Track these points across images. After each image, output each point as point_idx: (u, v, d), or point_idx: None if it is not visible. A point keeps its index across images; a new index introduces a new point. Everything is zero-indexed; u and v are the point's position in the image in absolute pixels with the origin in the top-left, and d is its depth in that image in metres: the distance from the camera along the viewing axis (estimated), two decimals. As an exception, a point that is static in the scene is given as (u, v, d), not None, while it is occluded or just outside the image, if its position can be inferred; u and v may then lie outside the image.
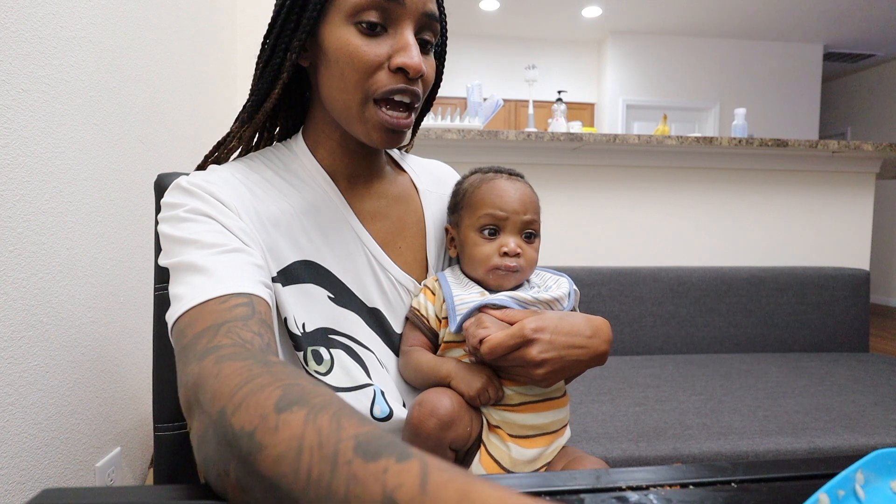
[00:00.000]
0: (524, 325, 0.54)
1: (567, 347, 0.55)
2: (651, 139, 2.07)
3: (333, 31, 0.53)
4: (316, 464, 0.26)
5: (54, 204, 0.92)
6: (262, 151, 0.64)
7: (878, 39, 5.51)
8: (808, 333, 2.05)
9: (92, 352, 1.05)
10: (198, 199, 0.52)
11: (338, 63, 0.54)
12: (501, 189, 0.65)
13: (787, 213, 2.30)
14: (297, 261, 0.57)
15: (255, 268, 0.49)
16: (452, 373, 0.58)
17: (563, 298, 0.63)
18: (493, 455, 0.59)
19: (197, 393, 0.34)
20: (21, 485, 0.83)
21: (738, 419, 1.34)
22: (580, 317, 0.58)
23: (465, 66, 5.88)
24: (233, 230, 0.51)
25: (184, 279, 0.45)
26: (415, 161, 0.76)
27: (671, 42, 5.74)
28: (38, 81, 0.87)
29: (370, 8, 0.52)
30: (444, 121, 2.23)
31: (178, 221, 0.50)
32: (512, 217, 0.64)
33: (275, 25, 0.56)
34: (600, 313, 1.93)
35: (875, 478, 0.34)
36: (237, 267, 0.47)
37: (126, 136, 1.20)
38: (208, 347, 0.37)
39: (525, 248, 0.64)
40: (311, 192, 0.61)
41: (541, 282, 0.68)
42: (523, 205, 0.64)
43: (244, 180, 0.57)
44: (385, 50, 0.53)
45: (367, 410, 0.57)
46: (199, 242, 0.48)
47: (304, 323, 0.56)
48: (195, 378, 0.35)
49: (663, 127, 2.94)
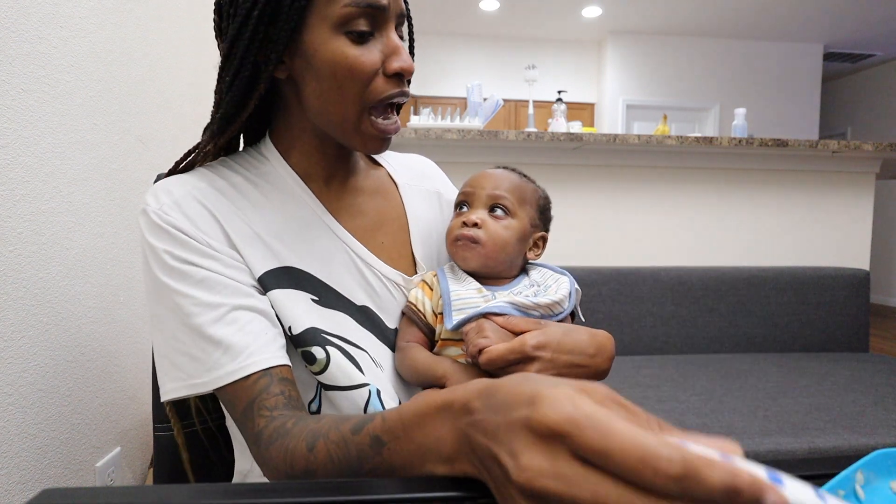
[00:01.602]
0: (525, 342, 0.53)
1: (568, 366, 0.54)
2: (651, 139, 2.07)
3: (321, 43, 0.52)
4: (338, 457, 0.41)
5: (54, 204, 0.92)
6: (231, 156, 0.63)
7: (878, 39, 5.51)
8: (808, 333, 2.05)
9: (92, 352, 1.05)
10: (172, 241, 0.52)
11: (334, 76, 0.53)
12: (481, 173, 0.67)
13: (787, 213, 2.30)
14: (274, 268, 0.56)
15: (255, 316, 0.52)
16: (448, 373, 0.57)
17: (563, 301, 0.62)
18: None
19: (262, 467, 0.48)
20: (21, 485, 0.83)
21: (738, 419, 1.34)
22: (584, 333, 0.57)
23: (465, 66, 5.88)
24: (220, 272, 0.52)
25: (201, 346, 0.50)
26: (391, 155, 0.75)
27: (671, 42, 5.74)
28: (38, 81, 0.87)
29: (359, 17, 0.51)
30: (444, 121, 2.23)
31: (166, 270, 0.51)
32: (478, 191, 0.64)
33: (241, 35, 0.52)
34: (600, 313, 1.95)
35: (875, 478, 0.34)
36: (246, 334, 0.50)
37: (126, 136, 1.20)
38: (254, 433, 0.48)
39: (488, 221, 0.63)
40: (284, 197, 0.60)
41: (541, 279, 0.67)
42: (493, 181, 0.65)
43: (210, 194, 0.56)
44: (377, 56, 0.53)
45: (360, 411, 0.57)
46: (199, 304, 0.50)
47: (291, 326, 0.55)
48: (257, 459, 0.49)
49: (663, 127, 2.94)
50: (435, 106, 2.61)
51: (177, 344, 0.51)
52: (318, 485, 0.34)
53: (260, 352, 0.50)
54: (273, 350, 0.51)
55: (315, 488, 0.34)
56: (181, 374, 0.51)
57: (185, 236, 0.52)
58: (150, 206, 0.54)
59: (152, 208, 0.53)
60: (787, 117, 5.83)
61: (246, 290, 0.53)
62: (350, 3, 0.51)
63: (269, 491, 0.35)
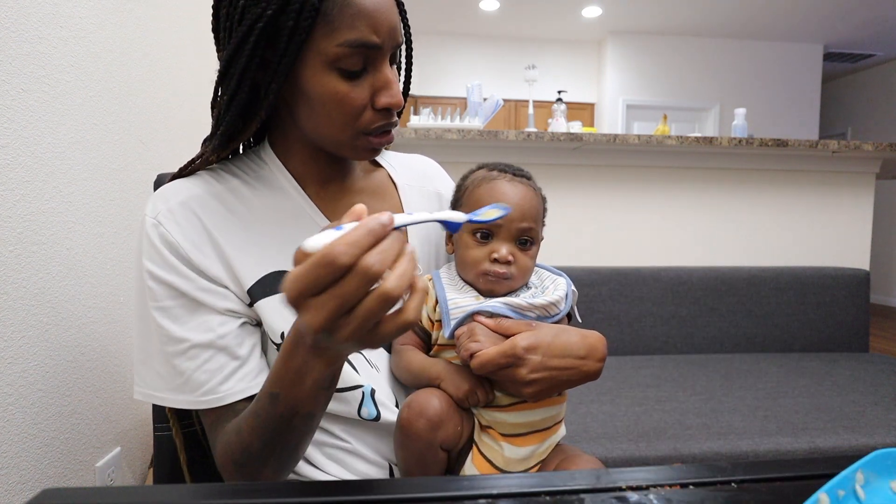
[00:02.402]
0: (516, 344, 0.54)
1: (558, 368, 0.55)
2: (651, 139, 2.07)
3: (314, 77, 0.53)
4: (256, 425, 0.49)
5: (54, 204, 0.92)
6: (232, 159, 0.64)
7: (878, 39, 5.51)
8: (808, 333, 2.05)
9: (92, 352, 1.05)
10: (157, 257, 0.54)
11: (324, 107, 0.54)
12: (500, 192, 0.63)
13: (787, 213, 2.30)
14: (267, 274, 0.57)
15: (213, 354, 0.55)
16: (442, 374, 0.58)
17: (559, 302, 0.62)
18: (485, 455, 0.59)
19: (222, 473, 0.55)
20: (21, 485, 0.83)
21: (738, 419, 1.34)
22: (575, 334, 0.58)
23: (465, 66, 5.88)
24: (193, 296, 0.55)
25: (168, 368, 0.55)
26: (392, 156, 0.75)
27: (671, 42, 5.74)
28: (38, 81, 0.87)
29: (352, 55, 0.52)
30: (444, 121, 2.23)
31: (146, 288, 0.55)
32: (506, 224, 0.61)
33: (236, 58, 0.52)
34: (600, 313, 1.95)
35: (875, 478, 0.34)
36: (203, 372, 0.54)
37: (126, 136, 1.20)
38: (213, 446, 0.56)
39: (518, 255, 0.62)
40: (281, 202, 0.61)
41: (538, 281, 0.66)
42: (520, 211, 0.61)
43: (206, 202, 0.57)
44: (367, 91, 0.54)
45: (354, 412, 0.58)
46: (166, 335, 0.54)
47: (284, 332, 0.56)
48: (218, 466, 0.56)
49: (663, 127, 2.94)
50: (435, 106, 2.61)
51: (149, 352, 0.56)
52: (319, 485, 0.34)
53: (214, 391, 0.54)
54: (228, 386, 0.54)
55: (315, 488, 0.34)
56: (151, 383, 0.56)
57: (170, 254, 0.54)
58: (147, 214, 0.56)
59: (148, 217, 0.55)
60: (787, 117, 5.83)
61: (211, 324, 0.55)
62: (344, 42, 0.51)
63: (269, 491, 0.35)
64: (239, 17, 0.52)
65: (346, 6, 0.50)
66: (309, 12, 0.49)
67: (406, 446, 0.56)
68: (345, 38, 0.51)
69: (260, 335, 0.59)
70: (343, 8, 0.50)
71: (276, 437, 0.48)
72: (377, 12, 0.51)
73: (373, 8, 0.51)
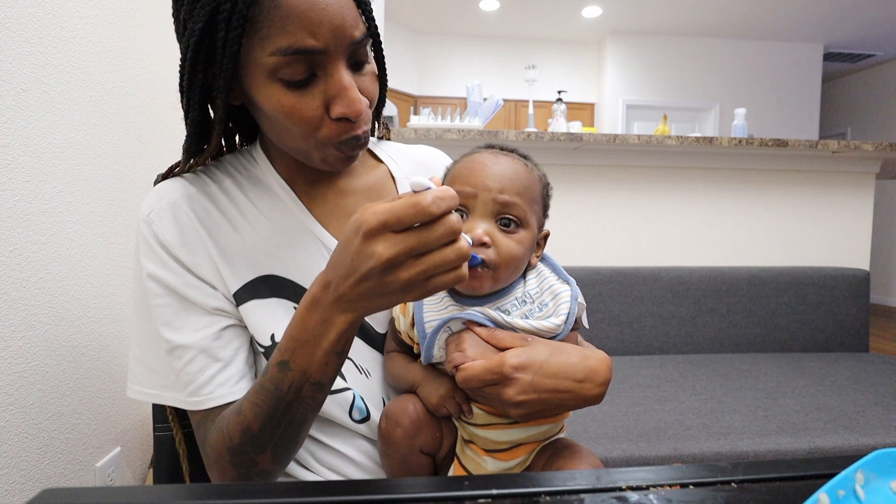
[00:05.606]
0: (504, 362, 0.48)
1: (551, 391, 0.49)
2: (651, 139, 2.07)
3: (260, 90, 0.49)
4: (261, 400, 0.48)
5: (54, 204, 0.92)
6: (223, 159, 0.63)
7: (878, 39, 5.51)
8: (808, 333, 2.05)
9: (92, 352, 1.05)
10: (151, 254, 0.55)
11: (277, 121, 0.50)
12: (477, 163, 0.53)
13: (787, 213, 2.30)
14: (257, 277, 0.56)
15: (195, 356, 0.54)
16: (418, 380, 0.56)
17: (555, 330, 0.53)
18: (467, 468, 0.56)
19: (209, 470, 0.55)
20: (21, 485, 0.83)
21: (738, 419, 1.34)
22: (575, 355, 0.51)
23: (465, 66, 5.88)
24: (183, 293, 0.55)
25: (162, 364, 0.55)
26: (395, 149, 0.71)
27: (671, 42, 5.73)
28: (38, 81, 0.87)
29: (291, 64, 0.46)
30: (444, 121, 2.23)
31: (142, 285, 0.55)
32: (482, 195, 0.51)
33: (182, 75, 0.51)
34: (600, 313, 1.95)
35: (875, 478, 0.34)
36: (185, 374, 0.54)
37: (126, 136, 1.20)
38: (201, 440, 0.56)
39: (498, 237, 0.51)
40: (271, 203, 0.60)
41: (538, 292, 0.56)
42: (498, 181, 0.51)
43: (199, 201, 0.57)
44: (319, 100, 0.49)
45: (346, 412, 0.57)
46: (150, 335, 0.55)
47: (274, 334, 0.55)
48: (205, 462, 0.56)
49: (663, 127, 2.93)
50: (435, 106, 2.61)
51: (144, 349, 0.56)
52: (317, 485, 0.34)
53: (197, 393, 0.54)
54: (209, 390, 0.54)
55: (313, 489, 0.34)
56: (144, 379, 0.56)
57: (162, 251, 0.54)
58: (142, 211, 0.56)
59: (144, 214, 0.56)
60: (787, 117, 5.83)
61: (198, 324, 0.55)
62: (276, 51, 0.46)
63: (267, 491, 0.35)
64: (181, 33, 0.50)
65: (275, 9, 0.45)
66: (237, 21, 0.45)
67: (388, 454, 0.55)
68: (276, 45, 0.45)
69: (248, 339, 0.58)
70: (271, 12, 0.45)
71: (282, 413, 0.47)
72: (312, 11, 0.45)
73: (306, 7, 0.45)
